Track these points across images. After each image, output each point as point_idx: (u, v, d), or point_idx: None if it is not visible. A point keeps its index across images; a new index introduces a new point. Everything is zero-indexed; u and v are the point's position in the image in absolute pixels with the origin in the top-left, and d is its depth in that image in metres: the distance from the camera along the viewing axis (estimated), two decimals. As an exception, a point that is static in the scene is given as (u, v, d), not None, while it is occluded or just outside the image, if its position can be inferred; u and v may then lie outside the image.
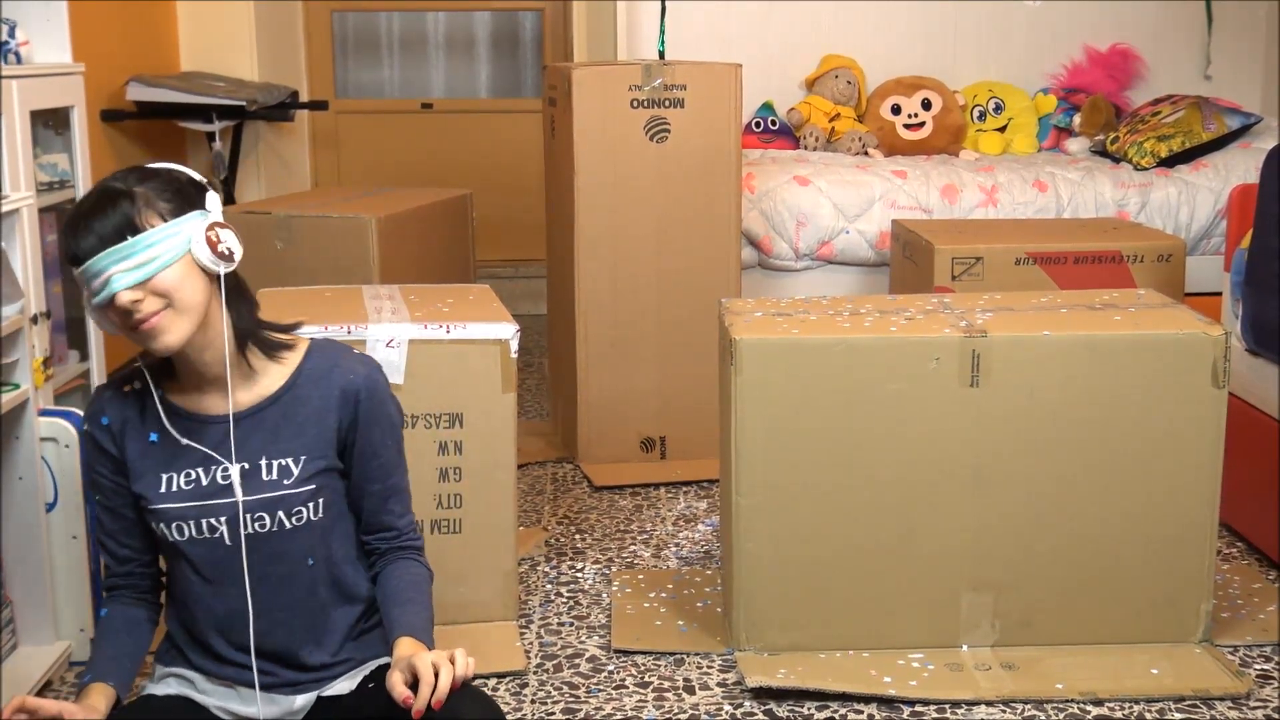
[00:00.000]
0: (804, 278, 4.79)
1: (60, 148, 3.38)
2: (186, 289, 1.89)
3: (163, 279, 1.87)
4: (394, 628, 2.00)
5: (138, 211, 1.87)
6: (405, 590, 2.06)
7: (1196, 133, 5.05)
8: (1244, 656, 2.67)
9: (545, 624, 2.83)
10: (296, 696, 2.04)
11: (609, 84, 3.73)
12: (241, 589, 1.98)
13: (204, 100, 4.77)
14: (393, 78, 6.38)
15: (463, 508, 2.74)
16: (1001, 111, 5.56)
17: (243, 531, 1.97)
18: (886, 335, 2.58)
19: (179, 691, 2.05)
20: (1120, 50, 5.63)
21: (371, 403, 2.03)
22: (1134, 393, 2.58)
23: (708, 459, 3.64)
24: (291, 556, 2.00)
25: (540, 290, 5.96)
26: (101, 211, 1.86)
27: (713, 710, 2.47)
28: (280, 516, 1.98)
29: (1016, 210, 4.81)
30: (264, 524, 1.97)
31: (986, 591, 2.63)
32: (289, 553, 2.00)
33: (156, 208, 1.88)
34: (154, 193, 1.89)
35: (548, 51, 6.29)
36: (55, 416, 2.61)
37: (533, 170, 6.27)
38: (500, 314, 2.78)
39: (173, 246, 1.87)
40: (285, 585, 2.00)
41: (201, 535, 1.97)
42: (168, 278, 1.87)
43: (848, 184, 4.79)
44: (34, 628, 2.58)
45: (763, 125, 5.48)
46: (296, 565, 2.01)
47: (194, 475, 1.98)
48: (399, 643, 1.95)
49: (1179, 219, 4.85)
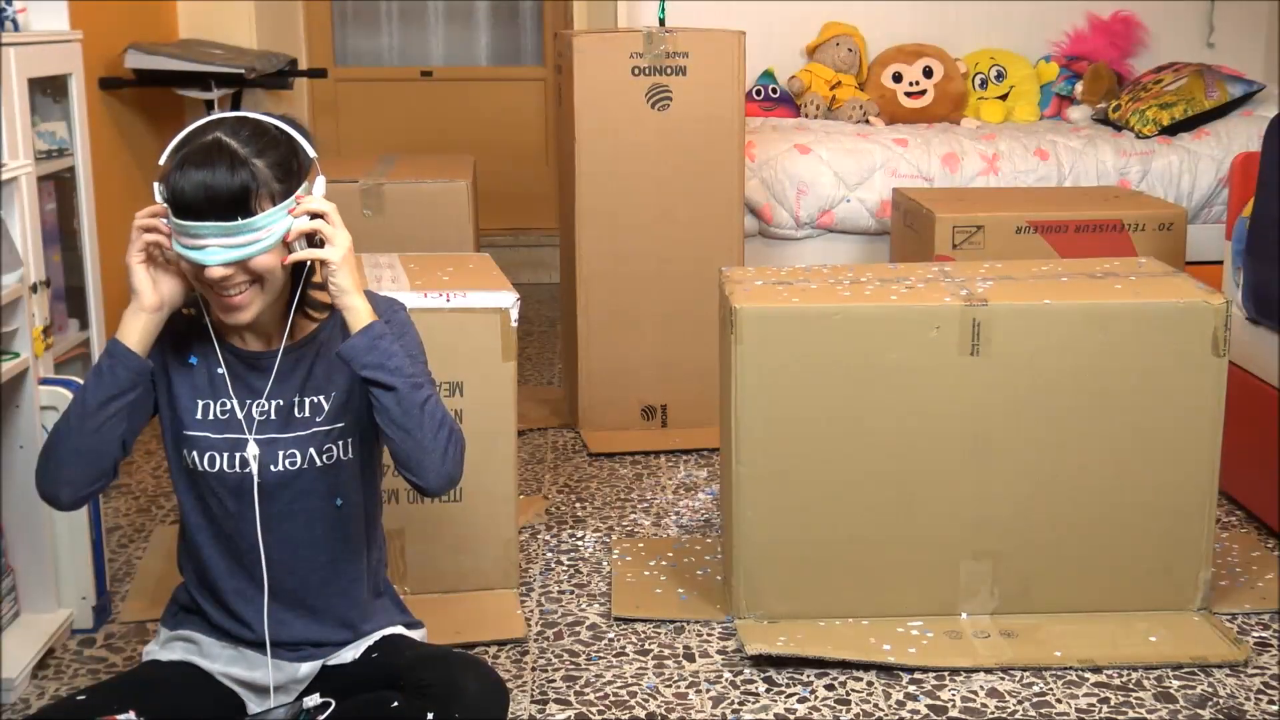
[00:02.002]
0: (805, 246, 4.78)
1: (59, 116, 3.37)
2: (277, 269, 1.91)
3: (259, 262, 1.87)
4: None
5: (254, 192, 1.84)
6: None
7: (1199, 100, 5.03)
8: (1242, 624, 2.68)
9: (545, 592, 2.84)
10: (301, 664, 2.05)
11: (610, 51, 3.72)
12: (266, 524, 1.99)
13: (202, 68, 4.75)
14: (392, 45, 6.35)
15: (463, 476, 2.74)
16: (1003, 79, 5.54)
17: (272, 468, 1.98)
18: (887, 304, 2.58)
19: (184, 657, 2.07)
20: (1122, 18, 5.61)
21: (392, 329, 2.01)
22: (1134, 361, 2.58)
23: (708, 427, 3.65)
24: (320, 494, 2.02)
25: (540, 259, 5.97)
26: (217, 178, 1.82)
27: (712, 678, 2.48)
28: (311, 453, 2.00)
29: (1018, 178, 4.80)
30: (294, 461, 2.00)
31: (985, 559, 2.64)
32: (317, 491, 2.02)
33: (270, 188, 1.86)
34: (270, 171, 1.87)
35: (548, 18, 6.25)
36: (55, 385, 2.61)
37: (533, 138, 6.26)
38: (500, 282, 2.77)
39: (276, 232, 1.87)
40: (311, 523, 2.03)
41: (232, 469, 1.98)
42: (264, 261, 1.88)
43: (849, 152, 4.77)
44: (36, 596, 2.59)
45: (764, 93, 5.46)
46: (325, 504, 2.03)
47: (229, 406, 2.00)
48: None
49: (1180, 187, 4.84)
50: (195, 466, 2.00)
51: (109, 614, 2.70)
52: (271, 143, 1.89)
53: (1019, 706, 2.37)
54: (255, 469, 1.98)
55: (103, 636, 2.64)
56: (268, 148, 1.88)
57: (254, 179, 1.84)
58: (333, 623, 2.07)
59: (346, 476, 2.05)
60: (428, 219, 3.72)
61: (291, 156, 1.91)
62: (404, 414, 1.92)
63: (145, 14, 4.99)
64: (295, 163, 1.91)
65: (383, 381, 1.91)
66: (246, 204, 1.84)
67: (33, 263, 2.78)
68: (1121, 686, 2.44)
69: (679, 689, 2.44)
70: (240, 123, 1.89)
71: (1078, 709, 2.36)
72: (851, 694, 2.42)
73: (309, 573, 2.04)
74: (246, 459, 1.98)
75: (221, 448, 1.99)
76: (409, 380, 1.92)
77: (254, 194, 1.84)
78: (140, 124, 4.73)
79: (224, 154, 1.84)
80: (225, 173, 1.82)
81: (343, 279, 1.90)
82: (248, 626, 2.04)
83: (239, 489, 1.99)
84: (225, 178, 1.82)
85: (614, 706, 2.38)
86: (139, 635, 2.63)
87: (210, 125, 1.89)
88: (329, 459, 2.01)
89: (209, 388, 2.00)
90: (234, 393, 2.00)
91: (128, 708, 1.91)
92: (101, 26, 4.30)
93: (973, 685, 2.45)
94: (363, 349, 1.90)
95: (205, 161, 1.83)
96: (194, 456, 1.99)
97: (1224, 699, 2.39)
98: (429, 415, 1.93)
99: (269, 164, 1.87)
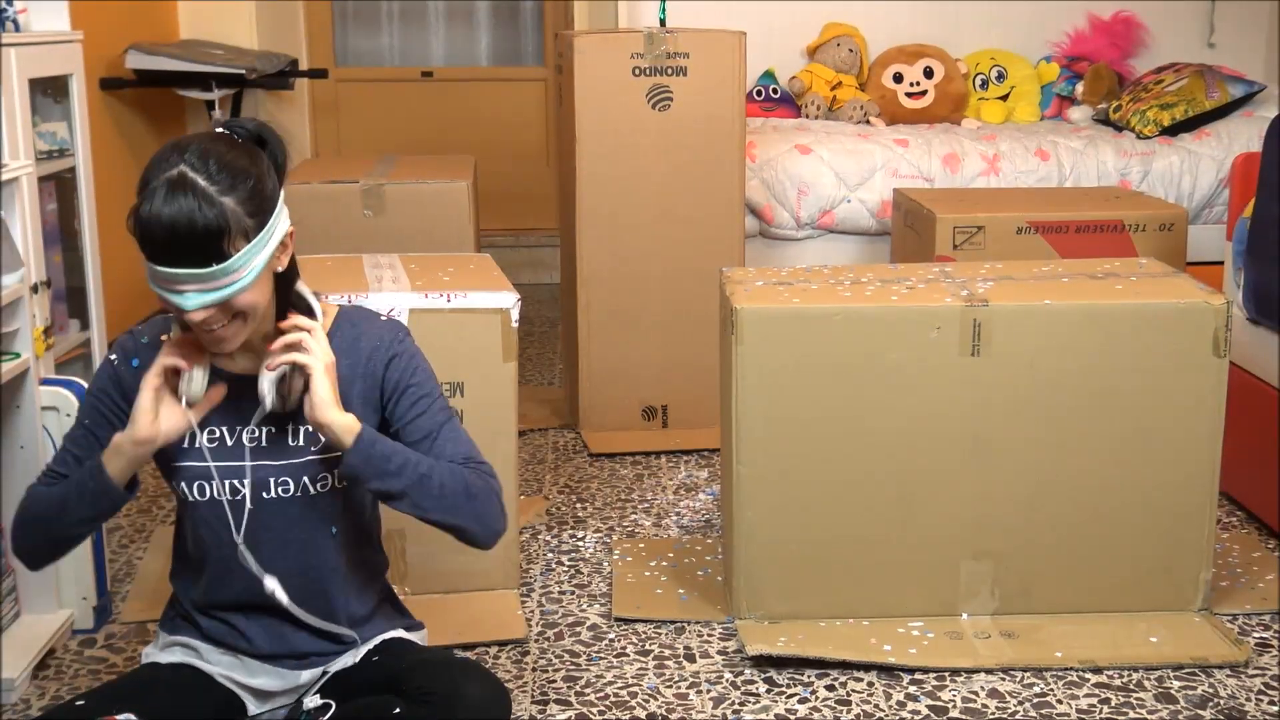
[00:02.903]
0: (805, 247, 4.78)
1: (59, 116, 3.37)
2: (260, 303, 1.85)
3: (241, 300, 1.81)
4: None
5: (227, 235, 1.76)
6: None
7: (1199, 101, 5.03)
8: (1243, 625, 2.68)
9: (546, 592, 2.84)
10: (302, 671, 2.05)
11: (611, 51, 3.72)
12: (260, 553, 1.96)
13: (203, 69, 4.75)
14: (393, 46, 6.35)
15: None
16: (1004, 80, 5.54)
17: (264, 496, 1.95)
18: (887, 304, 2.57)
19: (184, 660, 2.06)
20: (1123, 18, 5.61)
21: (401, 363, 2.00)
22: (1135, 362, 2.58)
23: (709, 428, 3.65)
24: (313, 523, 1.99)
25: (540, 259, 5.97)
26: (185, 222, 1.74)
27: (713, 678, 2.48)
28: (305, 482, 1.97)
29: (1018, 179, 4.80)
30: (288, 489, 1.96)
31: (986, 560, 2.64)
32: (311, 519, 1.99)
33: (243, 224, 1.78)
34: (241, 208, 1.78)
35: (548, 19, 6.25)
36: (56, 385, 2.61)
37: (533, 139, 6.26)
38: (501, 283, 2.77)
39: (254, 267, 1.81)
40: (305, 552, 1.99)
41: (222, 497, 1.95)
42: (246, 299, 1.82)
43: (849, 153, 4.78)
44: (36, 596, 2.59)
45: (764, 94, 5.46)
46: (318, 533, 2.00)
47: (218, 434, 1.96)
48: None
49: (1181, 188, 4.84)
50: (186, 496, 1.97)
51: (109, 614, 2.70)
52: (241, 174, 1.79)
53: (1019, 707, 2.37)
54: (248, 496, 1.95)
55: (103, 637, 2.64)
56: (237, 181, 1.78)
57: (225, 220, 1.75)
58: (331, 637, 2.06)
59: (343, 504, 2.02)
60: (428, 219, 3.72)
61: (260, 185, 1.82)
62: (423, 508, 1.92)
63: (146, 14, 5.00)
64: (266, 189, 1.83)
65: (392, 491, 1.90)
66: (220, 249, 1.76)
67: (33, 263, 2.78)
68: (1122, 687, 2.44)
69: (679, 689, 2.44)
70: (206, 152, 1.79)
71: (1078, 710, 2.36)
72: (852, 694, 2.42)
73: (306, 598, 2.01)
74: (238, 487, 1.95)
75: (210, 476, 1.95)
76: (415, 471, 1.90)
77: (227, 237, 1.76)
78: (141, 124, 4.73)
79: (192, 193, 1.74)
80: (194, 216, 1.74)
81: (324, 390, 1.85)
82: (246, 639, 2.03)
83: (231, 515, 1.95)
84: (194, 222, 1.74)
85: (614, 707, 2.38)
86: (139, 636, 2.63)
87: (174, 154, 1.79)
88: (323, 486, 1.98)
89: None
90: (224, 419, 1.95)
91: (127, 709, 1.91)
92: (102, 27, 4.31)
93: (973, 686, 2.45)
94: (361, 466, 1.88)
95: (171, 201, 1.74)
96: (183, 488, 1.96)
97: (1224, 700, 2.39)
98: (450, 494, 1.92)
99: (239, 200, 1.78)
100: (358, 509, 2.06)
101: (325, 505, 1.99)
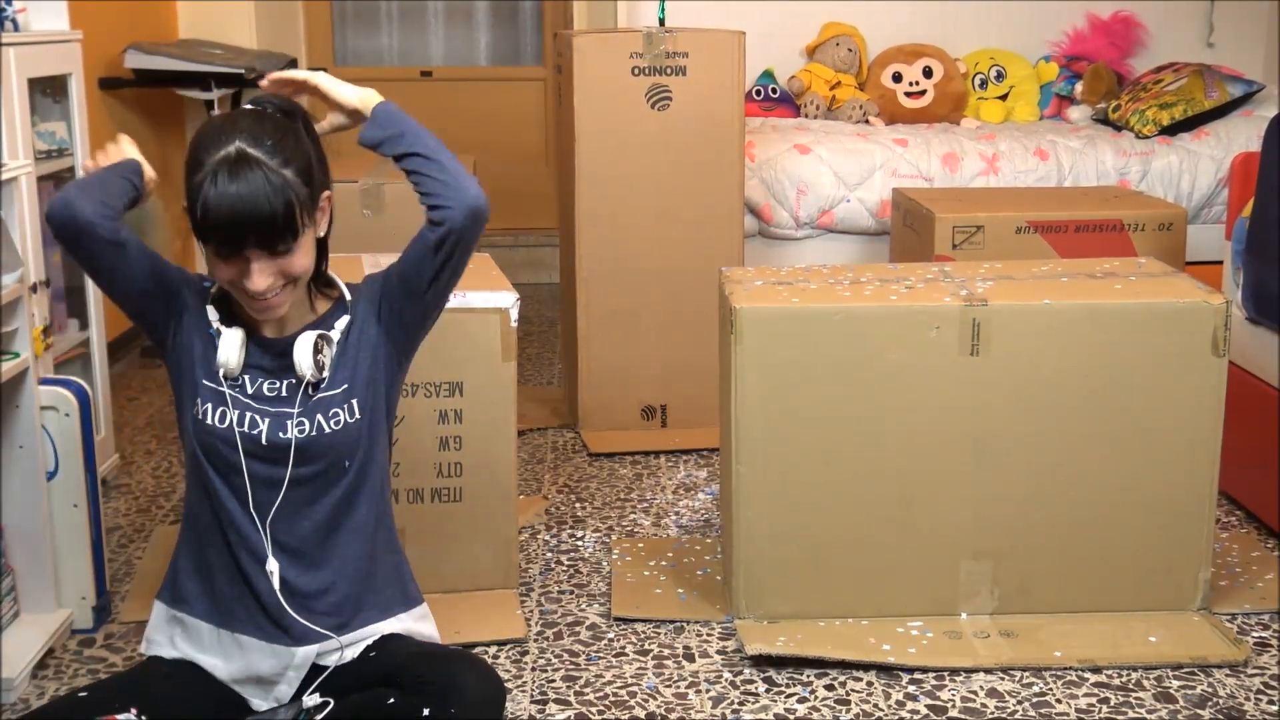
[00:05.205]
0: (804, 246, 4.78)
1: (58, 116, 3.37)
2: (310, 266, 1.96)
3: (294, 265, 1.92)
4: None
5: (295, 209, 1.87)
6: None
7: (1199, 100, 5.03)
8: (1242, 624, 2.68)
9: (545, 592, 2.84)
10: (297, 649, 2.05)
11: (610, 51, 3.72)
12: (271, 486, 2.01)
13: (202, 68, 4.75)
14: (392, 45, 6.35)
15: (463, 476, 2.74)
16: (1003, 79, 5.54)
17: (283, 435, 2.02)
18: (887, 304, 2.58)
19: (184, 655, 2.06)
20: (1122, 17, 5.61)
21: (376, 275, 2.11)
22: (1134, 361, 2.58)
23: (708, 427, 3.65)
24: (329, 458, 2.04)
25: (539, 259, 5.97)
26: (255, 202, 1.83)
27: (712, 678, 2.48)
28: (319, 420, 2.02)
29: (1018, 178, 4.80)
30: (303, 429, 2.02)
31: (985, 559, 2.64)
32: (327, 455, 2.04)
33: (301, 195, 1.88)
34: (299, 178, 1.88)
35: (548, 18, 6.25)
36: (55, 385, 2.62)
37: (532, 138, 6.26)
38: (500, 283, 2.78)
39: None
40: (316, 484, 2.04)
41: (242, 428, 2.00)
42: (301, 262, 1.93)
43: (848, 152, 4.78)
44: (35, 596, 2.59)
45: (763, 93, 5.46)
46: (333, 466, 2.04)
47: (241, 382, 2.03)
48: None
49: (1180, 187, 4.84)
50: (204, 419, 2.00)
51: (109, 614, 2.70)
52: (293, 145, 1.91)
53: (1019, 707, 2.37)
54: (265, 431, 2.01)
55: (103, 636, 2.64)
56: (292, 154, 1.89)
57: (291, 192, 1.86)
58: (334, 574, 2.07)
59: (356, 437, 2.07)
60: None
61: (307, 154, 1.93)
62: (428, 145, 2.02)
63: (145, 14, 5.00)
64: (312, 158, 1.94)
65: (407, 151, 2.00)
66: (292, 221, 1.86)
67: (32, 263, 2.78)
68: (1121, 687, 2.44)
69: (679, 689, 2.44)
70: (257, 126, 1.88)
71: (1077, 709, 2.36)
72: (851, 694, 2.42)
73: (304, 537, 2.05)
74: (257, 420, 2.00)
75: (233, 406, 2.01)
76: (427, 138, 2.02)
77: (296, 209, 1.86)
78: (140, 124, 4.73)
79: (255, 170, 1.83)
80: (264, 196, 1.83)
81: (329, 81, 2.01)
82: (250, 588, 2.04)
83: (245, 449, 2.01)
84: (265, 202, 1.83)
85: (614, 706, 2.38)
86: (139, 635, 2.62)
87: (227, 129, 1.87)
88: (336, 423, 2.04)
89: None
90: (249, 376, 2.03)
91: (129, 706, 1.91)
92: (101, 26, 4.31)
93: (972, 685, 2.45)
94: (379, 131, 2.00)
95: (237, 179, 1.82)
96: (207, 407, 2.01)
97: (1224, 699, 2.39)
98: (446, 153, 2.04)
99: (297, 171, 1.88)
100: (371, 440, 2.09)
101: (341, 439, 2.04)
